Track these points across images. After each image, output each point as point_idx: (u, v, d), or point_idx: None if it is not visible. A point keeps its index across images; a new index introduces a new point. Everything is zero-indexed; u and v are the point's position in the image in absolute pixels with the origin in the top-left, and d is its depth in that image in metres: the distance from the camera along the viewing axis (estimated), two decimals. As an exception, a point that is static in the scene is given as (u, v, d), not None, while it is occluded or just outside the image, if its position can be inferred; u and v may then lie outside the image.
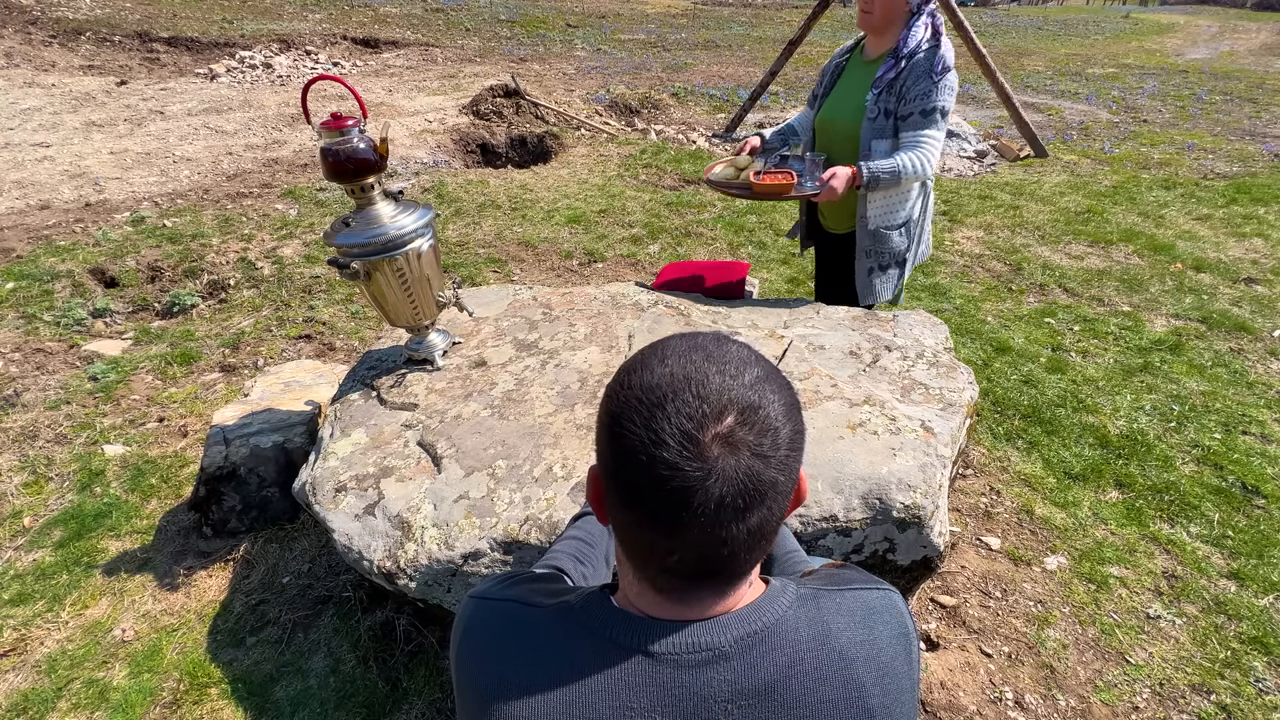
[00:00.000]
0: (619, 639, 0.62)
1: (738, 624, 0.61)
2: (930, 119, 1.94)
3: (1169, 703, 1.73)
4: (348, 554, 1.49)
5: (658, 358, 0.60)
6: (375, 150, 1.67)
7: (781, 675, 0.60)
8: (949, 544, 1.97)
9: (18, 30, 10.01)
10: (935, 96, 1.92)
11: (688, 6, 20.39)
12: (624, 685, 0.60)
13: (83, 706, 1.74)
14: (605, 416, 0.60)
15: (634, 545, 0.61)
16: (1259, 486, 2.38)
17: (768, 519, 0.58)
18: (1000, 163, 6.30)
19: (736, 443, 0.55)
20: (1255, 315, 3.54)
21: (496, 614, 0.69)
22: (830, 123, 2.15)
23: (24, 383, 3.01)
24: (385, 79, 9.03)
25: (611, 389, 0.61)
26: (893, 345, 1.98)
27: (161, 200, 4.81)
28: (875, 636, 0.65)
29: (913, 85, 1.92)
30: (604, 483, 0.61)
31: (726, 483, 0.54)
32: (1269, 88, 9.51)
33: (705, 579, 0.61)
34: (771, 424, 0.57)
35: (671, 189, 5.53)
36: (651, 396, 0.56)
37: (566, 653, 0.63)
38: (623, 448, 0.56)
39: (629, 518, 0.59)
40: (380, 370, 2.01)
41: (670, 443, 0.54)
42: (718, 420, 0.55)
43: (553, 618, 0.66)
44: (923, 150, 1.95)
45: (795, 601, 0.65)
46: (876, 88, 1.97)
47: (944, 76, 1.91)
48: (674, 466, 0.54)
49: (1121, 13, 23.51)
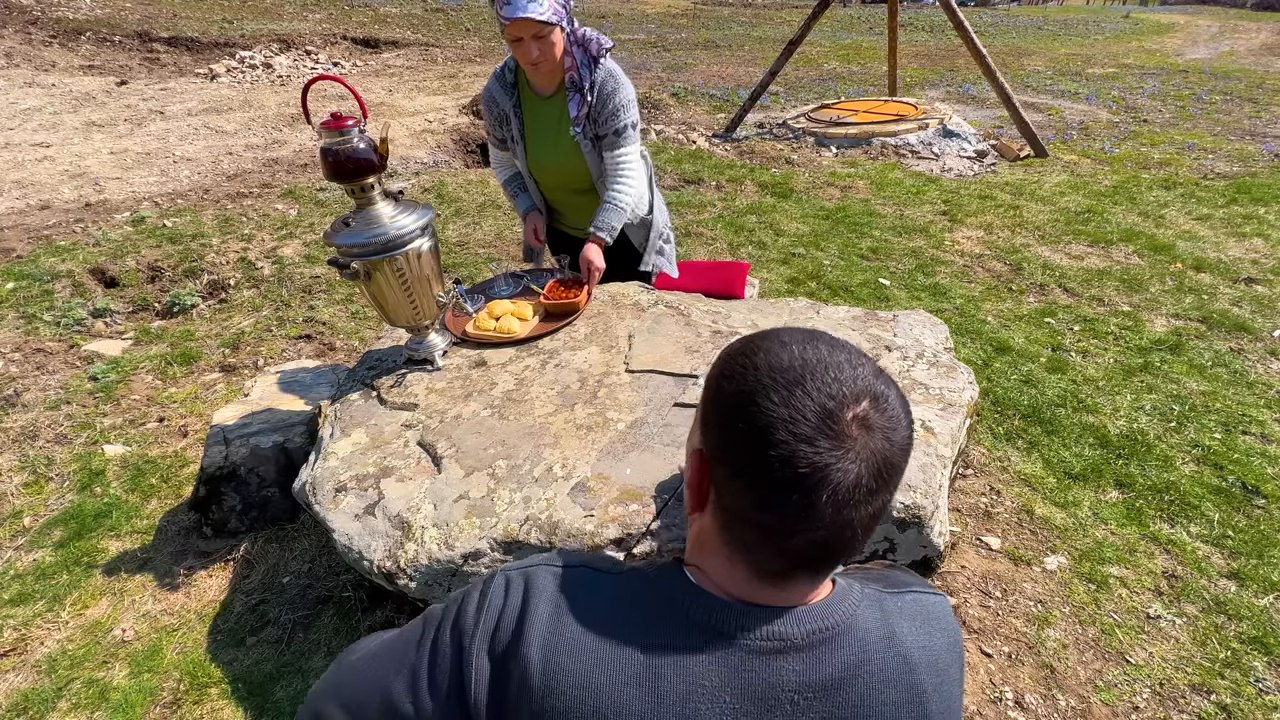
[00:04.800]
0: (695, 616, 0.62)
1: (810, 619, 0.62)
2: (623, 136, 2.07)
3: (1169, 703, 1.73)
4: (348, 554, 1.49)
5: (778, 343, 0.61)
6: (375, 150, 1.67)
7: (849, 673, 0.61)
8: (949, 544, 1.97)
9: (18, 30, 10.01)
10: (624, 115, 2.05)
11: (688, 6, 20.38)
12: (695, 662, 0.61)
13: (83, 706, 1.74)
14: (729, 396, 0.60)
15: (748, 528, 0.60)
16: (1259, 486, 2.38)
17: (887, 503, 0.60)
18: (1000, 163, 6.30)
19: (871, 425, 0.57)
20: (1255, 315, 3.54)
21: (573, 580, 0.68)
22: (545, 165, 2.21)
23: (24, 383, 3.01)
24: (385, 79, 9.04)
25: (731, 370, 0.61)
26: (893, 345, 1.98)
27: (161, 200, 4.81)
28: (935, 642, 0.66)
29: (601, 109, 2.03)
30: (718, 467, 0.61)
31: (862, 463, 0.56)
32: (1269, 88, 9.51)
33: (817, 563, 0.61)
34: (897, 412, 0.59)
35: (671, 189, 5.53)
36: (788, 376, 0.57)
37: (638, 622, 0.63)
38: (757, 426, 0.56)
39: (752, 498, 0.58)
40: (380, 370, 2.01)
41: (812, 419, 0.55)
42: (856, 403, 0.56)
43: (625, 585, 0.67)
44: (626, 172, 2.10)
45: (862, 602, 0.66)
46: (577, 125, 2.06)
47: (621, 93, 2.03)
48: (814, 444, 0.55)
49: (1121, 13, 23.51)
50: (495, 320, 2.06)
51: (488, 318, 2.07)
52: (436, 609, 0.72)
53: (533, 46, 1.86)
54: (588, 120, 2.05)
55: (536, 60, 1.90)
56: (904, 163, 6.24)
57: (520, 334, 2.03)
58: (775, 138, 7.00)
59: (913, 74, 10.70)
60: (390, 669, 0.69)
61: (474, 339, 2.04)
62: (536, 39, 1.85)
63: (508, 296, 2.24)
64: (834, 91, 9.35)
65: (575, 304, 2.04)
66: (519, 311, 2.09)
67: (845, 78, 10.46)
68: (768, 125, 7.42)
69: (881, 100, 7.76)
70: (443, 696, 0.65)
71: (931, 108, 7.20)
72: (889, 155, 6.43)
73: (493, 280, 2.33)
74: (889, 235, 4.60)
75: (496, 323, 2.05)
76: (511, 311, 2.08)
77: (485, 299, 2.22)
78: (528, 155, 2.18)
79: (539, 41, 1.85)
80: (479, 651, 0.65)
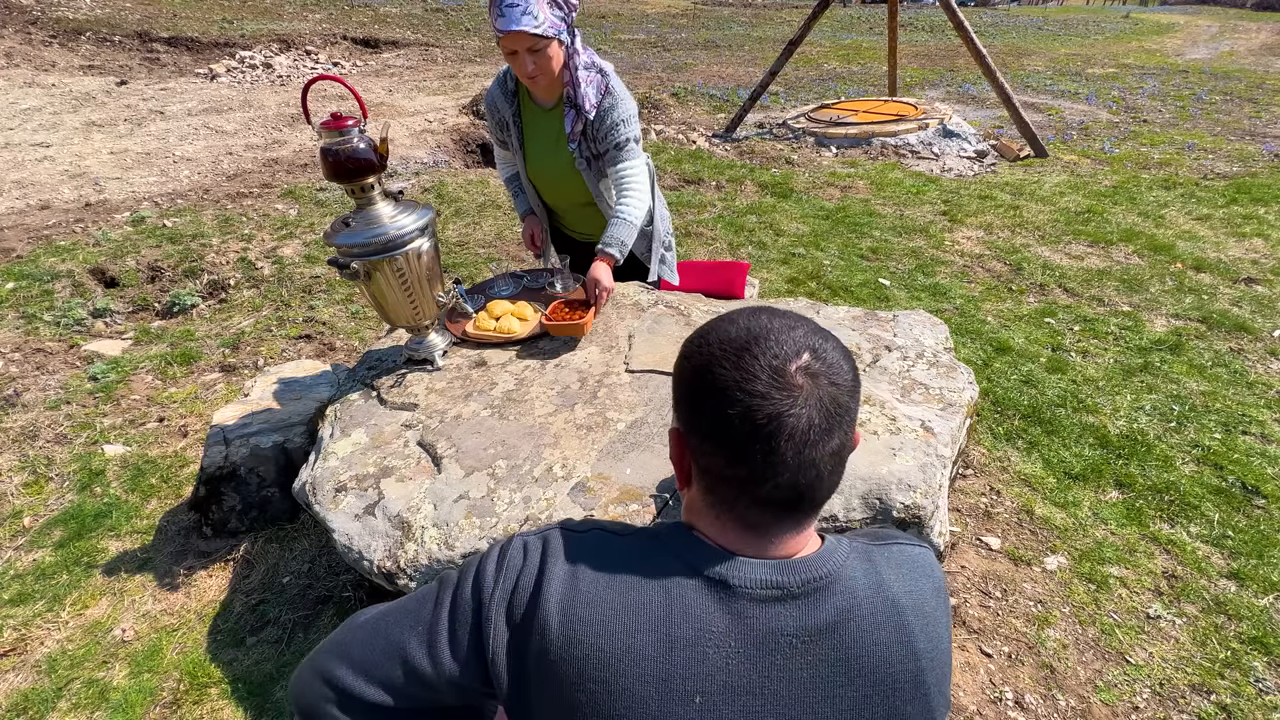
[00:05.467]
0: (703, 569, 0.68)
1: (804, 569, 0.69)
2: (624, 150, 2.02)
3: (1169, 703, 1.73)
4: (348, 554, 1.49)
5: (727, 320, 0.70)
6: (375, 150, 1.67)
7: (842, 617, 0.67)
8: (949, 544, 1.97)
9: (18, 30, 10.00)
10: (624, 130, 2.00)
11: (688, 6, 20.39)
12: (705, 610, 0.66)
13: (83, 706, 1.74)
14: (689, 371, 0.69)
15: (726, 485, 0.67)
16: (1259, 486, 2.38)
17: (844, 443, 0.67)
18: (1000, 163, 6.30)
19: (815, 373, 0.65)
20: (1255, 315, 3.54)
21: (588, 542, 0.73)
22: (544, 175, 2.19)
23: (24, 383, 3.01)
24: (385, 79, 9.04)
25: (688, 352, 0.70)
26: (892, 345, 1.98)
27: (161, 200, 4.81)
28: (920, 588, 0.73)
29: (598, 126, 1.99)
30: (690, 438, 0.69)
31: (812, 407, 0.63)
32: (1269, 88, 9.51)
33: (793, 507, 0.68)
34: (837, 359, 0.67)
35: (671, 189, 5.53)
36: (735, 345, 0.66)
37: (654, 577, 0.68)
38: (715, 390, 0.65)
39: (723, 456, 0.66)
40: (380, 370, 2.01)
41: (762, 377, 0.63)
42: (798, 356, 0.65)
43: (636, 543, 0.72)
44: (632, 185, 2.03)
45: (850, 553, 0.72)
46: (573, 141, 2.02)
47: (620, 108, 1.99)
48: (767, 398, 0.63)
49: (1121, 13, 23.51)
50: (495, 320, 2.06)
51: (488, 318, 2.07)
52: (452, 573, 0.76)
53: (528, 60, 1.80)
54: (584, 138, 2.00)
55: (532, 74, 1.84)
56: (904, 163, 6.24)
57: (520, 334, 2.03)
58: (775, 138, 7.00)
59: (913, 74, 10.70)
60: (405, 627, 0.72)
61: (474, 339, 2.04)
62: (532, 52, 1.79)
63: (508, 296, 2.24)
64: (834, 91, 9.36)
65: (580, 326, 1.96)
66: (519, 311, 2.09)
67: (845, 78, 10.46)
68: (768, 125, 7.42)
69: (881, 100, 7.77)
70: (463, 652, 0.69)
71: (931, 108, 7.20)
72: (889, 155, 6.43)
73: (493, 280, 2.33)
74: (889, 235, 4.60)
75: (496, 323, 2.05)
76: (511, 311, 2.08)
77: (485, 299, 2.22)
78: (526, 164, 2.16)
79: (534, 55, 1.80)
80: (498, 610, 0.69)
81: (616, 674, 0.64)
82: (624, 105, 1.98)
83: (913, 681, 0.68)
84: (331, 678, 0.71)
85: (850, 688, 0.66)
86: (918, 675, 0.68)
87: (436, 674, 0.69)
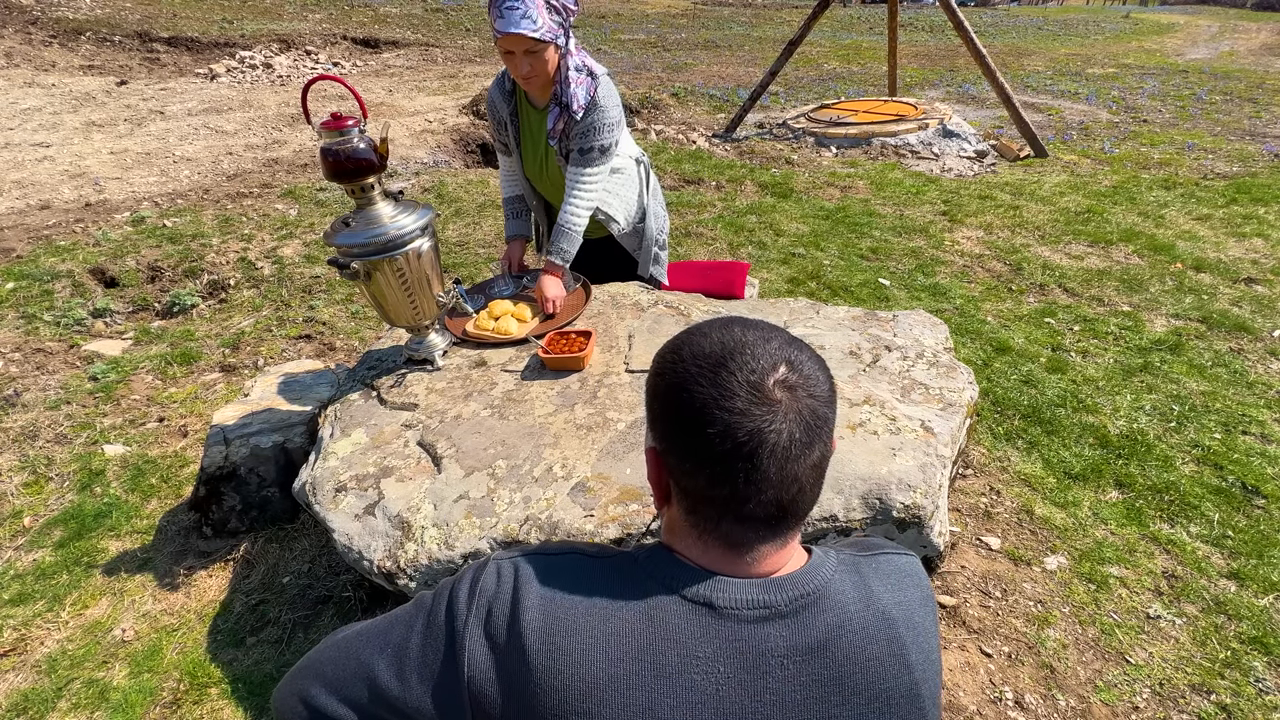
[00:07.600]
0: (685, 591, 0.66)
1: (791, 585, 0.67)
2: (587, 155, 2.02)
3: (1169, 703, 1.73)
4: (348, 554, 1.49)
5: (699, 333, 0.67)
6: (375, 150, 1.67)
7: (832, 634, 0.65)
8: (949, 544, 1.98)
9: (18, 30, 10.01)
10: (595, 137, 2.01)
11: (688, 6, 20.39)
12: (690, 635, 0.64)
13: (83, 706, 1.74)
14: (664, 390, 0.66)
15: (709, 505, 0.65)
16: (1259, 486, 2.38)
17: (824, 454, 0.66)
18: (1000, 163, 6.30)
19: (793, 386, 0.63)
20: (1255, 315, 3.54)
21: (563, 565, 0.71)
22: (536, 173, 2.21)
23: (24, 383, 3.01)
24: (385, 79, 9.04)
25: (661, 369, 0.68)
26: (892, 345, 1.98)
27: (161, 200, 4.81)
28: (908, 598, 0.71)
29: (575, 127, 2.00)
30: (668, 457, 0.67)
31: (792, 421, 0.62)
32: (1269, 88, 9.51)
33: (776, 524, 0.66)
34: (812, 371, 0.66)
35: (671, 189, 5.53)
36: (710, 361, 0.64)
37: (635, 601, 0.66)
38: (693, 409, 0.63)
39: (704, 477, 0.64)
40: (380, 370, 2.01)
41: (740, 393, 0.61)
42: (774, 370, 0.63)
43: (617, 568, 0.70)
44: (580, 191, 2.03)
45: (838, 566, 0.70)
46: (553, 138, 2.03)
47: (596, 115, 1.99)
48: (747, 414, 0.61)
49: (1121, 13, 23.51)
50: (495, 320, 2.06)
51: (488, 318, 2.07)
52: (428, 595, 0.74)
53: (524, 61, 1.86)
54: (563, 136, 2.03)
55: (527, 75, 1.90)
56: (904, 163, 6.24)
57: (520, 334, 2.03)
58: (775, 138, 7.00)
59: (913, 74, 10.70)
60: (375, 648, 0.71)
61: (474, 339, 2.04)
62: (528, 54, 1.84)
63: (508, 296, 2.24)
64: (834, 91, 9.36)
65: (579, 360, 1.88)
66: (519, 312, 2.09)
67: (845, 78, 10.46)
68: (768, 125, 7.42)
69: (881, 100, 7.76)
70: (432, 676, 0.67)
71: (931, 108, 7.20)
72: (889, 155, 6.42)
73: (493, 280, 2.34)
74: (889, 235, 4.60)
75: (496, 323, 2.05)
76: (511, 312, 2.08)
77: (485, 299, 2.22)
78: (523, 162, 2.21)
79: (530, 57, 1.85)
80: (471, 634, 0.67)
81: (600, 704, 0.62)
82: (606, 113, 2.00)
83: (908, 696, 0.66)
84: (306, 696, 0.71)
85: (845, 707, 0.64)
86: (913, 689, 0.67)
87: (404, 697, 0.67)
